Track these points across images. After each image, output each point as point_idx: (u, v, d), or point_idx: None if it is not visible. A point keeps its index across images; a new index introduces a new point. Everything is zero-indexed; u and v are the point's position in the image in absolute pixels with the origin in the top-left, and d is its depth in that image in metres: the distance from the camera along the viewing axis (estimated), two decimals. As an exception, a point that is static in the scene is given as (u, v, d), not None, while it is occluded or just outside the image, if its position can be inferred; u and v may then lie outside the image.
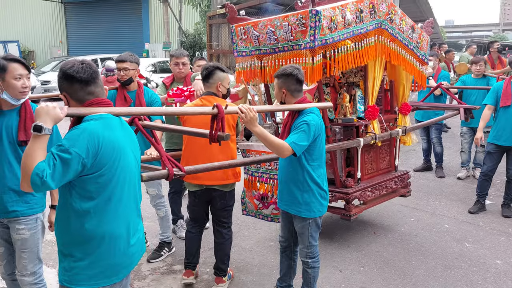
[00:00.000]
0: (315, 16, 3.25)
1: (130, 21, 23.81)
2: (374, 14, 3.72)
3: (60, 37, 25.96)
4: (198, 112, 2.68)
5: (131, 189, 2.05)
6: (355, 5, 3.56)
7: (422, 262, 3.85)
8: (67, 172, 1.75)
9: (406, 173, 4.57)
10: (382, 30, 3.82)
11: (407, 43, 4.13)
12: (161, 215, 3.89)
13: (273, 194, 3.82)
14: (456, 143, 7.80)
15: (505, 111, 4.76)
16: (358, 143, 3.85)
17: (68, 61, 1.97)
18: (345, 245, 4.17)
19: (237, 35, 3.85)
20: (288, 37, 3.45)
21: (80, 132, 1.82)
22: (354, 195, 3.89)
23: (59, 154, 1.74)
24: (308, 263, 3.01)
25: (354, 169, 4.03)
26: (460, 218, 4.88)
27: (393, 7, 3.94)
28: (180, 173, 2.61)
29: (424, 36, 4.42)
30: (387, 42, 3.90)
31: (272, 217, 3.91)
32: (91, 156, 1.81)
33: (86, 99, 1.94)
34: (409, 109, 4.56)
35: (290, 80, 2.86)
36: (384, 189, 4.24)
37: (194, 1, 18.70)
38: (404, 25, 4.07)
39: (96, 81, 1.97)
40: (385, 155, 4.45)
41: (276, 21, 3.50)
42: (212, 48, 11.71)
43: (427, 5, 15.44)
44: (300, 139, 2.71)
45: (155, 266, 3.77)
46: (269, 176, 3.85)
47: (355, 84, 4.23)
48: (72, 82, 1.91)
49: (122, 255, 1.99)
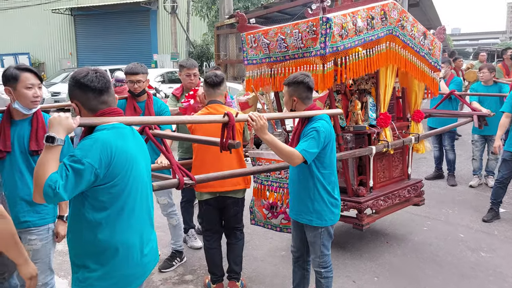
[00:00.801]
0: (325, 23, 3.22)
1: (139, 33, 24.09)
2: (386, 21, 3.69)
3: (70, 49, 26.29)
4: (208, 120, 2.67)
5: (143, 199, 2.03)
6: (366, 12, 3.54)
7: (437, 272, 3.78)
8: (79, 183, 1.74)
9: (420, 181, 4.51)
10: (393, 37, 3.79)
11: (419, 49, 4.09)
12: (174, 224, 3.87)
13: (283, 203, 3.78)
14: (467, 150, 7.70)
15: None
16: (370, 151, 3.81)
17: (81, 69, 1.95)
18: (358, 254, 4.11)
19: (247, 43, 3.85)
20: (298, 44, 3.44)
21: (92, 142, 1.81)
22: (366, 204, 3.84)
23: (71, 164, 1.73)
24: (321, 273, 2.97)
25: (366, 178, 3.98)
26: (474, 226, 4.80)
27: (404, 14, 3.90)
28: (190, 182, 2.61)
29: (436, 43, 4.38)
30: (398, 49, 3.86)
31: (281, 227, 3.86)
32: (103, 166, 1.79)
33: (99, 108, 1.93)
34: (421, 117, 4.51)
35: (301, 87, 2.85)
36: (397, 198, 4.18)
37: (202, 12, 18.85)
38: (416, 32, 4.04)
39: (109, 90, 1.96)
40: (397, 163, 4.39)
41: (286, 29, 3.49)
42: (220, 58, 11.77)
43: (434, 13, 15.42)
44: (310, 146, 2.68)
45: (167, 276, 3.74)
46: (278, 185, 3.82)
47: (367, 91, 4.19)
48: (86, 91, 1.90)
49: (136, 265, 1.97)
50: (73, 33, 26.30)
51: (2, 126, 2.51)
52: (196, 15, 19.88)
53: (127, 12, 23.85)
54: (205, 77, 3.34)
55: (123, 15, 24.07)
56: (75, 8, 24.67)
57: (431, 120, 6.52)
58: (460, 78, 7.10)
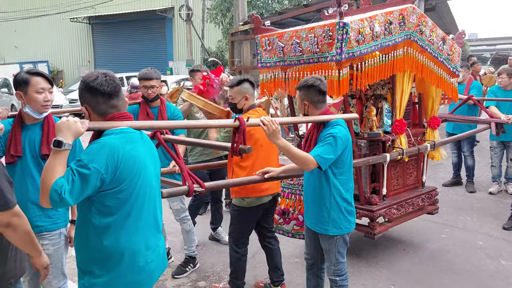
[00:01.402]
0: (342, 28, 3.16)
1: (155, 40, 24.39)
2: (404, 26, 3.61)
3: (88, 57, 26.74)
4: (219, 125, 2.65)
5: (151, 204, 2.01)
6: (384, 16, 3.47)
7: (455, 281, 3.68)
8: (85, 187, 1.72)
9: (434, 189, 4.41)
10: (411, 42, 3.71)
11: (437, 55, 3.99)
12: (187, 229, 3.86)
13: (295, 209, 3.73)
14: (485, 157, 7.54)
15: None
16: (384, 159, 3.73)
17: (91, 73, 1.95)
18: (374, 262, 4.03)
19: (261, 45, 3.81)
20: (314, 49, 3.38)
21: (100, 147, 1.80)
22: (378, 213, 3.77)
23: (78, 169, 1.71)
24: (336, 282, 2.89)
25: (379, 185, 3.91)
26: (493, 234, 4.67)
27: (423, 18, 3.81)
28: (200, 189, 2.58)
29: (456, 48, 4.27)
30: (415, 54, 3.78)
31: (293, 233, 3.82)
32: (110, 171, 1.78)
33: (109, 113, 1.92)
34: (438, 123, 4.40)
35: (312, 91, 2.80)
36: (410, 206, 4.09)
37: (216, 19, 18.96)
38: (435, 37, 3.94)
39: (118, 94, 1.94)
40: (412, 170, 4.30)
41: (302, 33, 3.44)
42: (234, 64, 11.79)
43: (451, 18, 15.22)
44: (326, 152, 2.63)
45: (180, 282, 3.72)
46: (291, 191, 3.78)
47: (382, 97, 4.12)
48: (95, 95, 1.89)
49: (141, 272, 1.95)
50: (91, 41, 26.76)
51: (13, 130, 2.52)
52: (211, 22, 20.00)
53: (143, 20, 24.17)
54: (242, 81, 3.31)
55: (140, 23, 24.41)
56: (92, 16, 25.12)
57: (449, 125, 6.39)
58: (479, 83, 6.96)
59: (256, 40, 3.88)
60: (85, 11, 24.86)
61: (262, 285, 3.60)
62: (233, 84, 3.26)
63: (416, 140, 4.22)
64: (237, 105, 3.24)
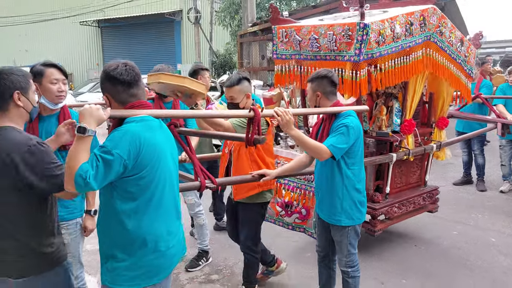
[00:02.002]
0: (363, 29, 3.14)
1: (163, 43, 24.54)
2: (424, 27, 3.59)
3: (97, 60, 26.97)
4: (235, 115, 2.69)
5: (170, 191, 2.05)
6: (405, 17, 3.44)
7: (468, 277, 3.67)
8: (109, 173, 1.77)
9: (436, 188, 4.41)
10: (430, 43, 3.68)
11: (456, 56, 3.98)
12: (201, 223, 3.90)
13: (299, 203, 3.75)
14: (496, 156, 7.48)
15: None
16: (390, 159, 3.74)
17: (111, 63, 1.99)
18: (385, 257, 4.03)
19: (278, 36, 3.81)
20: (331, 46, 3.37)
21: (122, 133, 1.84)
22: (380, 211, 3.79)
23: (102, 155, 1.76)
24: (348, 273, 2.92)
25: (383, 183, 3.91)
26: (506, 231, 4.66)
27: (444, 20, 3.78)
28: (211, 185, 2.62)
29: (472, 50, 4.24)
30: (435, 55, 3.76)
31: (294, 226, 3.84)
32: (132, 157, 1.82)
33: (129, 101, 1.97)
34: (446, 124, 4.38)
35: (325, 82, 2.83)
36: (411, 205, 4.11)
37: (225, 22, 19.08)
38: (454, 38, 3.92)
39: (138, 83, 1.99)
40: (416, 169, 4.30)
41: (320, 29, 3.43)
42: (243, 65, 11.86)
43: (460, 19, 15.17)
44: (339, 141, 2.66)
45: (193, 275, 3.76)
46: (296, 185, 3.80)
47: (393, 96, 4.12)
48: (115, 84, 1.94)
49: (162, 256, 1.99)
50: (100, 45, 27.00)
51: (30, 122, 2.57)
52: (219, 25, 20.13)
53: (152, 23, 24.35)
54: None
55: (148, 26, 24.57)
56: (102, 20, 25.35)
57: (459, 124, 6.37)
58: (490, 82, 6.94)
59: (273, 30, 3.88)
60: (94, 14, 25.10)
61: (262, 274, 3.58)
62: (233, 83, 3.05)
63: (422, 139, 4.20)
64: (239, 104, 3.07)
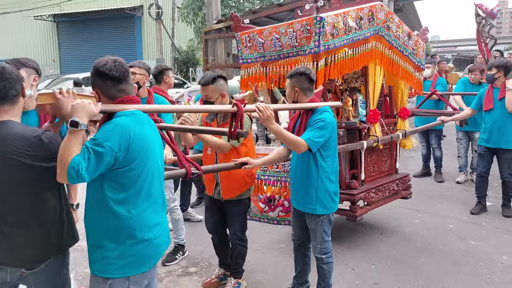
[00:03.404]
0: (319, 22, 3.38)
1: (123, 39, 24.03)
2: (373, 22, 3.86)
3: (53, 56, 26.05)
4: (218, 110, 2.77)
5: (158, 183, 2.12)
6: (356, 12, 3.70)
7: (430, 259, 3.94)
8: (100, 165, 1.83)
9: (407, 175, 4.69)
10: (379, 37, 3.97)
11: (403, 50, 4.27)
12: (176, 218, 3.96)
13: (281, 196, 3.89)
14: (451, 149, 7.95)
15: (490, 114, 4.97)
16: (361, 146, 3.96)
17: (101, 59, 2.05)
18: (355, 245, 4.25)
19: (242, 42, 3.96)
20: (293, 43, 3.57)
21: (113, 127, 1.90)
22: (359, 196, 3.98)
23: (93, 148, 1.82)
24: (323, 259, 3.06)
25: (358, 171, 4.13)
26: (463, 218, 5.00)
27: (390, 15, 4.09)
28: (197, 172, 2.70)
29: (420, 43, 4.58)
30: (383, 49, 4.03)
31: (279, 219, 3.96)
32: (123, 150, 1.88)
33: (118, 96, 2.02)
34: (407, 114, 4.69)
35: (303, 79, 2.98)
36: (386, 191, 4.34)
37: (188, 18, 18.95)
38: (401, 33, 4.22)
39: (127, 79, 2.06)
40: (386, 158, 4.56)
41: (281, 28, 3.61)
42: (208, 63, 11.87)
43: (417, 19, 15.87)
44: (316, 135, 2.82)
45: (171, 269, 3.81)
46: (276, 179, 3.93)
47: (356, 89, 4.37)
48: (105, 79, 2.00)
49: (151, 245, 2.06)
50: (56, 40, 26.09)
51: None
52: (182, 21, 19.96)
53: (111, 19, 23.79)
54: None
55: (107, 21, 23.99)
56: (58, 14, 24.50)
57: (417, 120, 6.74)
58: (445, 80, 7.37)
59: (236, 37, 4.03)
60: (50, 8, 24.22)
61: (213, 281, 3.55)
62: (208, 81, 3.04)
63: (388, 129, 4.47)
64: (215, 103, 3.05)
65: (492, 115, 4.94)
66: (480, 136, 5.19)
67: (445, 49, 75.87)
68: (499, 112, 4.88)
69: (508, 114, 4.83)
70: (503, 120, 4.87)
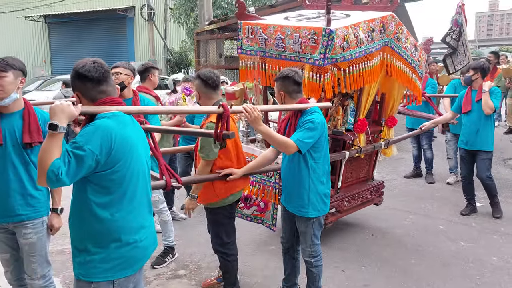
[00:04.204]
0: (328, 35, 3.25)
1: (115, 40, 23.87)
2: (384, 33, 3.77)
3: (44, 57, 25.81)
4: (204, 111, 2.74)
5: (143, 185, 2.09)
6: (367, 24, 3.60)
7: (420, 260, 3.94)
8: (81, 168, 1.79)
9: (381, 183, 4.66)
10: (388, 48, 3.88)
11: (411, 61, 4.20)
12: (165, 220, 3.92)
13: (258, 196, 3.88)
14: (442, 150, 7.96)
15: (468, 116, 4.97)
16: (343, 156, 3.90)
17: (80, 60, 2.01)
18: (345, 247, 4.23)
19: (243, 32, 3.86)
20: (297, 48, 3.47)
21: (94, 129, 1.86)
22: (332, 205, 3.90)
23: (73, 151, 1.78)
24: (312, 263, 3.03)
25: (335, 178, 4.06)
26: (453, 219, 5.01)
27: (400, 26, 3.99)
28: (177, 185, 2.67)
29: (423, 55, 4.50)
30: (393, 60, 3.96)
31: (252, 217, 3.99)
32: (104, 152, 1.84)
33: (98, 98, 1.98)
34: (394, 123, 4.61)
35: (288, 82, 2.94)
36: (359, 199, 4.33)
37: (180, 19, 18.88)
38: (409, 44, 4.14)
39: (107, 80, 2.01)
40: (365, 164, 4.52)
41: (287, 30, 3.52)
42: (200, 64, 11.84)
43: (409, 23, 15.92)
44: (305, 136, 2.78)
45: (160, 272, 3.77)
46: (255, 180, 3.92)
47: (349, 96, 4.30)
48: (84, 81, 1.96)
49: (136, 248, 2.02)
50: (47, 41, 25.83)
51: None
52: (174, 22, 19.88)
53: (103, 20, 23.61)
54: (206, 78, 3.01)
55: (99, 22, 23.81)
56: (49, 15, 24.26)
57: (409, 121, 6.75)
58: (434, 81, 7.38)
59: (238, 25, 3.93)
60: (41, 9, 24.00)
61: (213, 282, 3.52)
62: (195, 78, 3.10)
63: (372, 137, 4.38)
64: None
65: (470, 117, 4.94)
66: (459, 139, 5.19)
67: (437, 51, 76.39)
68: (476, 114, 4.88)
69: (485, 116, 4.84)
70: (480, 122, 4.87)
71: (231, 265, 3.19)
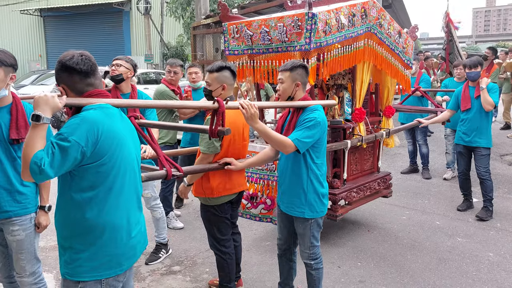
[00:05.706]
0: (311, 19, 3.26)
1: (112, 34, 23.73)
2: (365, 19, 3.78)
3: (39, 51, 25.64)
4: (198, 106, 2.69)
5: (131, 180, 2.03)
6: (349, 9, 3.61)
7: (417, 256, 3.91)
8: (65, 160, 1.74)
9: (388, 174, 4.64)
10: (371, 34, 3.90)
11: (394, 47, 4.22)
12: (158, 217, 3.87)
13: (263, 194, 3.83)
14: (439, 146, 7.97)
15: (467, 113, 4.93)
16: (345, 145, 3.89)
17: (66, 53, 1.95)
18: (341, 243, 4.20)
19: (229, 33, 3.86)
20: (282, 38, 3.46)
21: (79, 120, 1.81)
22: (340, 196, 3.93)
23: (58, 142, 1.73)
24: (311, 265, 2.91)
25: (340, 170, 4.06)
26: (449, 215, 4.98)
27: (382, 12, 4.02)
28: (178, 173, 2.60)
29: (410, 41, 4.52)
30: (375, 46, 3.98)
31: (260, 216, 3.91)
32: (90, 144, 1.79)
33: (86, 90, 1.93)
34: (392, 112, 4.62)
35: (305, 72, 2.83)
36: (368, 190, 4.30)
37: (176, 13, 18.77)
38: (392, 30, 4.16)
39: (95, 73, 1.96)
40: (368, 156, 4.51)
41: (271, 22, 3.51)
42: (197, 58, 11.74)
43: (406, 16, 15.85)
44: (304, 135, 2.66)
45: (154, 268, 3.73)
46: (259, 176, 3.87)
47: (343, 87, 4.30)
48: (72, 73, 1.90)
49: (124, 246, 1.97)
50: (43, 35, 25.66)
51: None
52: (170, 16, 19.76)
53: (99, 13, 23.46)
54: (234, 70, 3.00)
55: (95, 16, 23.65)
56: (44, 9, 24.10)
57: (401, 116, 6.73)
58: (428, 76, 7.36)
59: (223, 27, 3.92)
60: (36, 3, 23.81)
61: (217, 282, 3.38)
62: (213, 69, 2.92)
63: (373, 127, 4.41)
64: (213, 93, 2.89)
65: (470, 113, 4.90)
66: (457, 135, 5.15)
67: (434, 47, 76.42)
68: (476, 111, 4.84)
69: (485, 113, 4.81)
70: (479, 119, 4.83)
71: (226, 263, 3.11)
